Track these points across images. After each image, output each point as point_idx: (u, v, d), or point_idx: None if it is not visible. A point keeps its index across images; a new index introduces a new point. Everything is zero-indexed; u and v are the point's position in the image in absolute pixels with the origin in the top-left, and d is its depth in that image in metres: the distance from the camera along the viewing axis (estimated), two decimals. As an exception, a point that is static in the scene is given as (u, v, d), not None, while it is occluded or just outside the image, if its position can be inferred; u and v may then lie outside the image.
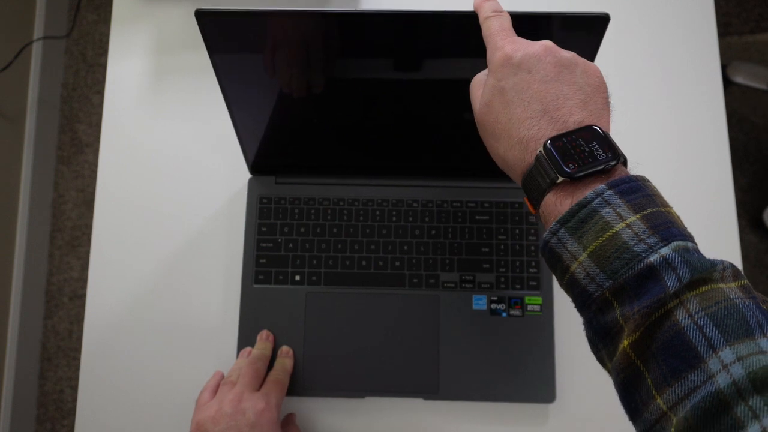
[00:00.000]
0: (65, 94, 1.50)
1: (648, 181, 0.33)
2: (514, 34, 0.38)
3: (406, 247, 0.60)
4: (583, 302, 0.32)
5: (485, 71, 0.39)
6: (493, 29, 0.38)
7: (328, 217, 0.60)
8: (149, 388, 0.60)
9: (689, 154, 0.64)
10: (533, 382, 0.57)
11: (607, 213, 0.31)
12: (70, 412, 1.37)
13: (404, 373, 0.57)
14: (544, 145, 0.33)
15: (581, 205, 0.31)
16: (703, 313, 0.28)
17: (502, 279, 0.59)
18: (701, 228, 0.62)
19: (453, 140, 0.57)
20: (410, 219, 0.60)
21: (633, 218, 0.30)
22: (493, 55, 0.37)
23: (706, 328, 0.27)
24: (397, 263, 0.59)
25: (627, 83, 0.66)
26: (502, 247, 0.60)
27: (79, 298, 1.42)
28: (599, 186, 0.32)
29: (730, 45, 1.23)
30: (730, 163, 0.64)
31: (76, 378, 1.37)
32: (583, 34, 0.43)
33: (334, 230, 0.60)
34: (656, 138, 0.65)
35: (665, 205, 0.32)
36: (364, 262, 0.59)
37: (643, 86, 0.66)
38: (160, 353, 0.61)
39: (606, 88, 0.36)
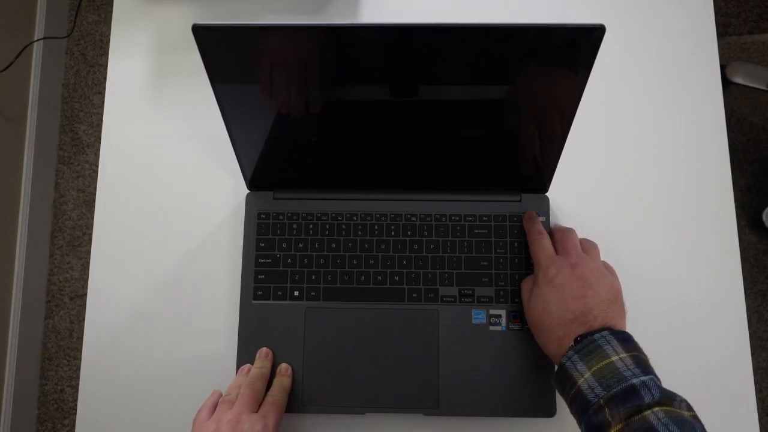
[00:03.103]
0: (66, 95, 1.51)
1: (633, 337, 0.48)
2: (553, 251, 0.55)
3: (404, 262, 0.59)
4: (584, 407, 0.45)
5: (532, 276, 0.56)
6: (537, 248, 0.56)
7: (327, 232, 0.60)
8: (149, 387, 0.60)
9: (689, 155, 0.65)
10: (533, 396, 0.56)
11: (607, 348, 0.46)
12: (70, 412, 1.38)
13: (404, 389, 0.57)
14: (575, 341, 0.48)
15: (591, 341, 0.47)
16: (667, 419, 0.41)
17: (502, 293, 0.59)
18: (701, 228, 0.63)
19: (452, 155, 0.57)
20: (409, 233, 0.60)
21: (624, 355, 0.45)
22: (540, 272, 0.54)
23: (671, 427, 0.41)
24: (396, 278, 0.59)
25: (626, 83, 0.66)
26: (501, 260, 0.59)
27: (79, 297, 1.42)
28: (604, 331, 0.47)
29: (729, 45, 1.23)
30: (730, 163, 0.64)
31: (77, 378, 1.38)
32: (580, 45, 0.43)
33: (333, 245, 0.60)
34: (656, 138, 0.65)
35: (645, 354, 0.47)
36: (363, 277, 0.59)
37: (643, 86, 0.66)
38: (159, 353, 0.61)
39: (621, 297, 0.52)
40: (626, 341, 0.47)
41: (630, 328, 0.61)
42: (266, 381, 0.56)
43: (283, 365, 0.57)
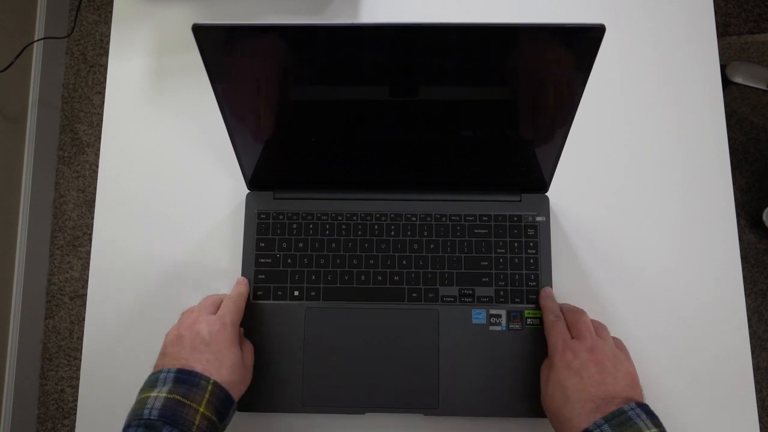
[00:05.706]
0: (66, 95, 1.51)
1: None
2: (569, 336, 0.53)
3: (405, 262, 0.59)
4: None
5: (548, 360, 0.54)
6: (554, 333, 0.54)
7: (327, 232, 0.60)
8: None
9: (689, 155, 0.65)
10: (533, 396, 0.56)
11: (638, 422, 0.46)
12: (70, 412, 1.38)
13: (404, 389, 0.57)
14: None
15: (621, 412, 0.47)
16: None
17: (501, 293, 0.59)
18: (701, 228, 0.63)
19: (452, 155, 0.57)
20: (409, 233, 0.60)
21: (654, 430, 0.45)
22: (557, 356, 0.52)
23: None
24: (396, 278, 0.59)
25: (626, 83, 0.66)
26: (501, 260, 0.59)
27: (79, 297, 1.42)
28: (632, 403, 0.47)
29: (729, 45, 1.23)
30: (730, 163, 0.64)
31: (77, 378, 1.38)
32: (579, 45, 0.43)
33: (333, 245, 0.60)
34: (656, 138, 0.65)
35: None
36: (363, 277, 0.59)
37: (643, 86, 0.66)
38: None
39: (638, 382, 0.51)
40: (653, 416, 0.47)
41: (630, 327, 0.61)
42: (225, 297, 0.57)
43: (240, 278, 0.59)
